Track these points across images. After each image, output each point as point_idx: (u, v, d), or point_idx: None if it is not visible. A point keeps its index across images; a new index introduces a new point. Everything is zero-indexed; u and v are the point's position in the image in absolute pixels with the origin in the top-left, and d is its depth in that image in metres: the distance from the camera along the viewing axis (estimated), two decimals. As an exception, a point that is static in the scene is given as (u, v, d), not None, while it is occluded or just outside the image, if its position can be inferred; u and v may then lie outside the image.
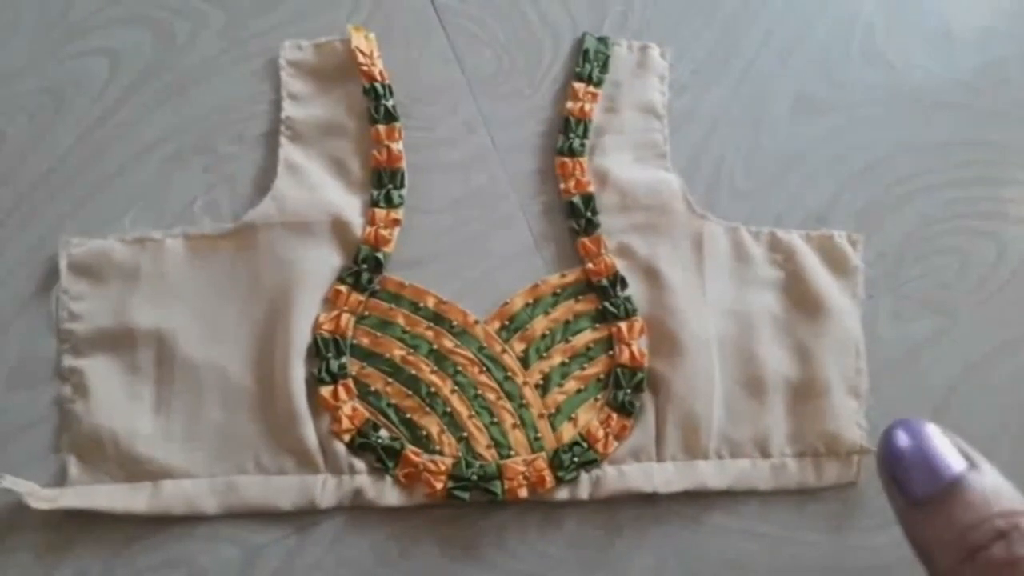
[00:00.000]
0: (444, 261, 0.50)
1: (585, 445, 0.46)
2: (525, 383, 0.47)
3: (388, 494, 0.45)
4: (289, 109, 0.51)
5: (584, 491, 0.46)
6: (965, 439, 0.21)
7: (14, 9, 0.52)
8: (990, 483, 0.19)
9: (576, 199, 0.50)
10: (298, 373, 0.45)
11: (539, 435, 0.47)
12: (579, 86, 0.53)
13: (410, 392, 0.47)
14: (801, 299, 0.51)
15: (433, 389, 0.47)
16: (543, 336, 0.48)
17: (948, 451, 0.20)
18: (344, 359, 0.46)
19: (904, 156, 0.56)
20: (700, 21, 0.57)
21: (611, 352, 0.48)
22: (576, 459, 0.46)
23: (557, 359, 0.48)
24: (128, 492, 0.44)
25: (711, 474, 0.47)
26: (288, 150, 0.50)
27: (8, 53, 0.51)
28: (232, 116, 0.51)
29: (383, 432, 0.46)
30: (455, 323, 0.48)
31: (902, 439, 0.20)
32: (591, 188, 0.51)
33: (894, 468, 0.20)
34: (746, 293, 0.50)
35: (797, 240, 0.52)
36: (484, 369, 0.47)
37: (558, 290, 0.50)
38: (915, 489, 0.19)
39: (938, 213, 0.55)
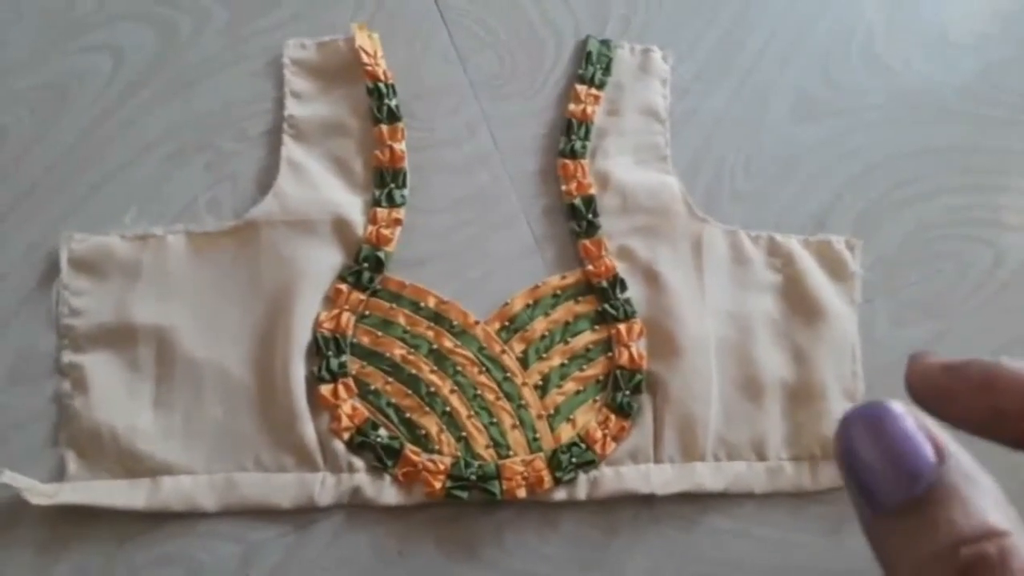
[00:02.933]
0: (445, 261, 0.50)
1: (583, 446, 0.47)
2: (524, 384, 0.48)
3: (387, 493, 0.45)
4: (292, 107, 0.51)
5: (582, 492, 0.46)
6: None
7: (17, 3, 0.51)
8: (959, 488, 0.16)
9: (577, 201, 0.50)
10: (298, 371, 0.45)
11: (538, 436, 0.47)
12: (581, 88, 0.53)
13: (410, 391, 0.47)
14: (799, 303, 0.51)
15: (433, 389, 0.47)
16: (543, 337, 0.49)
17: (915, 446, 0.17)
18: (344, 357, 0.47)
19: (903, 161, 0.56)
20: (701, 25, 0.57)
21: (610, 354, 0.49)
22: (574, 460, 0.46)
23: (556, 360, 0.48)
24: (127, 488, 0.44)
25: (708, 476, 0.47)
26: (290, 148, 0.50)
27: (11, 47, 0.51)
28: (235, 114, 0.51)
29: (382, 431, 0.46)
30: (455, 323, 0.48)
31: (862, 435, 0.17)
32: (592, 190, 0.51)
33: (856, 471, 0.17)
34: (745, 297, 0.51)
35: (796, 245, 0.52)
36: (484, 369, 0.48)
37: (558, 291, 0.50)
38: (880, 498, 0.17)
39: (936, 218, 0.56)
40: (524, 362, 0.48)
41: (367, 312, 0.48)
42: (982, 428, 0.19)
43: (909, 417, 0.17)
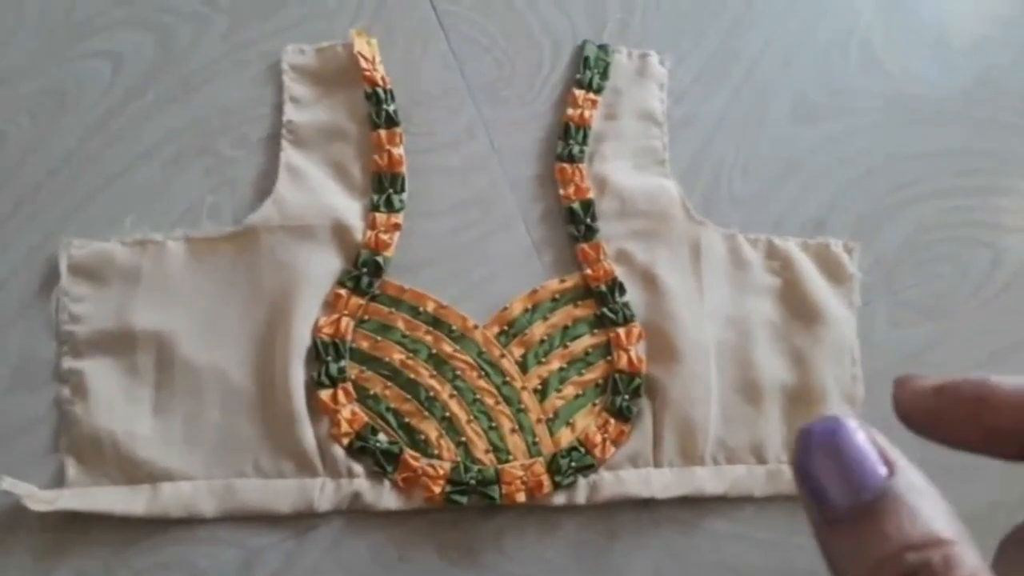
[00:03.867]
0: (444, 265, 0.50)
1: (583, 450, 0.47)
2: (523, 388, 0.48)
3: (386, 498, 0.45)
4: (291, 113, 0.51)
5: (581, 496, 0.46)
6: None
7: (17, 10, 0.52)
8: (908, 498, 0.17)
9: (575, 205, 0.51)
10: (297, 376, 0.45)
11: (537, 440, 0.47)
12: (579, 93, 0.53)
13: (409, 396, 0.47)
14: (797, 306, 0.51)
15: (432, 393, 0.47)
16: (542, 341, 0.49)
17: (866, 458, 0.18)
18: (343, 363, 0.47)
19: (901, 164, 0.56)
20: (699, 29, 0.57)
21: (609, 358, 0.49)
22: (574, 464, 0.46)
23: (556, 364, 0.48)
24: (127, 494, 0.44)
25: (708, 480, 0.47)
26: (289, 154, 0.50)
27: (11, 54, 0.51)
28: (234, 119, 0.51)
29: (382, 436, 0.46)
30: (454, 327, 0.48)
31: (817, 448, 0.18)
32: (590, 194, 0.51)
33: (809, 481, 0.18)
34: (743, 300, 0.51)
35: (794, 248, 0.52)
36: (483, 374, 0.48)
37: (557, 295, 0.50)
38: (830, 507, 0.18)
39: (934, 221, 0.56)
40: (523, 366, 0.48)
41: (366, 317, 0.48)
42: (977, 447, 0.20)
43: (861, 432, 0.18)
